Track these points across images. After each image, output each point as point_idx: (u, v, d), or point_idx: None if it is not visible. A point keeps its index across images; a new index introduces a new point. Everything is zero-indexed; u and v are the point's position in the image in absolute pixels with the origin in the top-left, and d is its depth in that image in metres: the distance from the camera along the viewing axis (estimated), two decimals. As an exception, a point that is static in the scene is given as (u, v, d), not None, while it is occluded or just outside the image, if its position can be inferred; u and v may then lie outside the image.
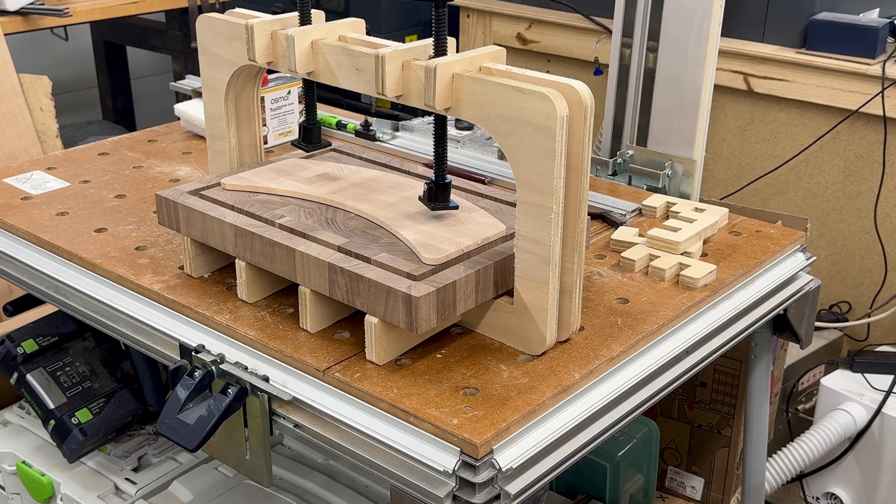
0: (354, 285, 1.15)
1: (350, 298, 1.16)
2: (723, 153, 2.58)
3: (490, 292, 1.19)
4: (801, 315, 1.54)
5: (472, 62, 1.15)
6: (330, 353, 1.19)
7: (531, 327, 1.17)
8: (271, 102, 1.85)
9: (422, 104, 1.15)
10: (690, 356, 1.31)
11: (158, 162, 1.82)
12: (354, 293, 1.15)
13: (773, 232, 1.55)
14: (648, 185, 1.78)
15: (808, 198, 2.49)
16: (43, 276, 1.47)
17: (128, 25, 3.38)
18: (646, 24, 1.81)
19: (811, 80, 2.37)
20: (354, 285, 1.15)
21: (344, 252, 1.19)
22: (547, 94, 1.06)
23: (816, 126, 2.41)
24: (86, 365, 1.69)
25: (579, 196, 1.12)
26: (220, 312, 1.28)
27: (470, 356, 1.19)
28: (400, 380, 1.14)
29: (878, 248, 2.39)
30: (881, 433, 2.09)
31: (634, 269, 1.41)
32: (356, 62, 1.20)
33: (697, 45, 1.74)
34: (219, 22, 1.34)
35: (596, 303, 1.32)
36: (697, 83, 1.75)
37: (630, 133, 1.87)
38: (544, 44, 2.84)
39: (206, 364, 1.21)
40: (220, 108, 1.39)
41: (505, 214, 1.29)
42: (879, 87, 2.26)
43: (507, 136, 1.10)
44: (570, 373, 1.16)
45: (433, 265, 1.16)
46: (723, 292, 1.39)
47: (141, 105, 3.76)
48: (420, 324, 1.10)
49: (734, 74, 2.47)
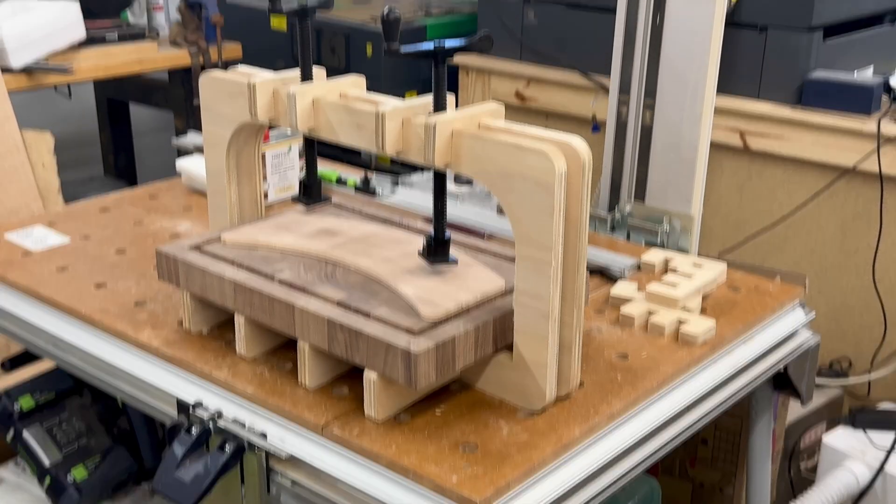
0: (353, 340, 1.15)
1: (349, 354, 1.16)
2: (720, 209, 2.59)
3: (489, 348, 1.19)
4: (802, 372, 1.53)
5: (471, 119, 1.16)
6: (328, 409, 1.18)
7: (531, 383, 1.17)
8: (272, 158, 1.86)
9: (421, 160, 1.16)
10: (691, 413, 1.30)
11: (159, 217, 1.83)
12: (353, 348, 1.15)
13: (771, 288, 1.55)
14: (647, 241, 1.79)
15: (807, 254, 2.49)
16: (41, 331, 1.47)
17: (131, 83, 3.42)
18: (642, 82, 1.83)
19: (807, 137, 2.39)
20: (353, 340, 1.15)
21: (343, 307, 1.19)
22: (545, 150, 1.07)
23: (813, 183, 2.42)
24: (82, 422, 1.68)
25: (578, 251, 1.12)
26: (219, 368, 1.28)
27: (469, 412, 1.18)
28: (399, 436, 1.13)
29: (877, 304, 2.39)
30: (884, 492, 2.07)
31: (634, 324, 1.41)
32: (357, 119, 1.21)
33: (693, 102, 1.76)
34: (222, 80, 1.35)
35: (595, 358, 1.32)
36: (694, 140, 1.77)
37: (628, 189, 1.88)
38: (542, 101, 2.87)
39: (204, 420, 1.20)
40: (221, 163, 1.40)
41: (504, 269, 1.29)
42: (875, 145, 2.27)
43: (507, 191, 1.11)
44: (570, 429, 1.15)
45: (432, 320, 1.15)
46: (723, 348, 1.39)
47: (142, 161, 3.79)
48: (419, 379, 1.10)
49: (730, 131, 2.49)
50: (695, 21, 1.73)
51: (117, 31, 3.09)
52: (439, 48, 1.14)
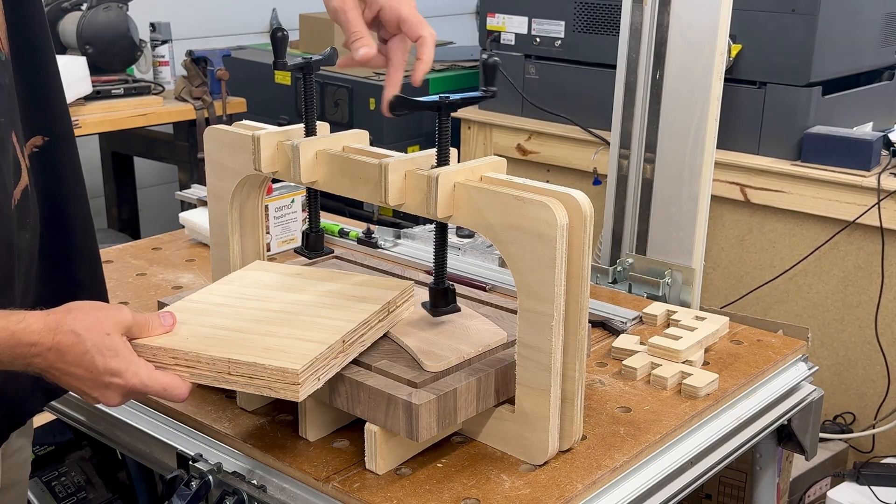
0: (355, 392, 1.14)
1: (350, 406, 1.15)
2: (722, 262, 2.60)
3: (491, 400, 1.18)
4: (806, 425, 1.52)
5: (473, 172, 1.17)
6: (329, 463, 1.17)
7: (533, 436, 1.16)
8: (275, 211, 1.87)
9: (424, 212, 1.17)
10: (694, 467, 1.29)
11: (162, 269, 1.83)
12: (355, 400, 1.14)
13: (774, 341, 1.55)
14: (648, 294, 1.79)
15: (808, 307, 2.49)
16: (42, 382, 1.46)
17: (136, 136, 3.45)
18: (643, 137, 1.85)
19: (807, 191, 2.40)
20: (355, 392, 1.14)
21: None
22: (547, 202, 1.07)
23: (814, 236, 2.43)
24: (82, 475, 1.67)
25: (580, 304, 1.12)
26: (219, 420, 1.27)
27: (471, 465, 1.17)
28: (400, 490, 1.12)
29: (880, 358, 2.38)
30: (891, 548, 2.04)
31: (636, 377, 1.41)
32: (360, 171, 1.22)
33: (693, 157, 1.77)
34: (226, 133, 1.37)
35: (598, 411, 1.31)
36: (694, 194, 1.78)
37: (629, 241, 1.89)
38: (544, 154, 2.90)
39: (203, 473, 1.20)
40: (224, 216, 1.41)
41: (506, 321, 1.29)
42: (875, 199, 2.29)
43: (508, 243, 1.11)
44: (572, 483, 1.14)
45: (434, 372, 1.15)
46: (726, 402, 1.38)
47: (146, 214, 3.80)
48: (421, 432, 1.09)
49: (731, 185, 2.50)
50: (694, 77, 1.76)
51: (123, 86, 3.13)
52: (444, 101, 1.16)
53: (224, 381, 1.08)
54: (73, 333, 1.00)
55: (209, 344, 1.10)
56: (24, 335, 0.98)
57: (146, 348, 1.08)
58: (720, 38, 1.73)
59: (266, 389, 1.06)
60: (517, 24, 2.91)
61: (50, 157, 1.20)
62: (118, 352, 1.02)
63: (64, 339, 0.99)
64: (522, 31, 2.90)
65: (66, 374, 1.01)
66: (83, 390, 1.03)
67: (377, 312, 1.21)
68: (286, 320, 1.18)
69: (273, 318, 1.18)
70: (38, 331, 0.99)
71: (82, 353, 1.00)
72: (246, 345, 1.10)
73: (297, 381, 1.05)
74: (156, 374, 1.05)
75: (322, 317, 1.19)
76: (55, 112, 1.22)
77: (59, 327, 1.00)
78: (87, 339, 1.00)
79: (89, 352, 1.00)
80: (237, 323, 1.16)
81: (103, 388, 1.03)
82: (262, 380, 1.06)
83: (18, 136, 1.12)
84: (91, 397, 1.04)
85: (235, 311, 1.20)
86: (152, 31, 3.37)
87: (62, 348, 0.99)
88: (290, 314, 1.20)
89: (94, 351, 1.00)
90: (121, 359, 1.02)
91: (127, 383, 1.03)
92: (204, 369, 1.08)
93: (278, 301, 1.24)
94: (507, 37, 2.94)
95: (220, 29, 3.96)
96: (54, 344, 0.99)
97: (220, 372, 1.07)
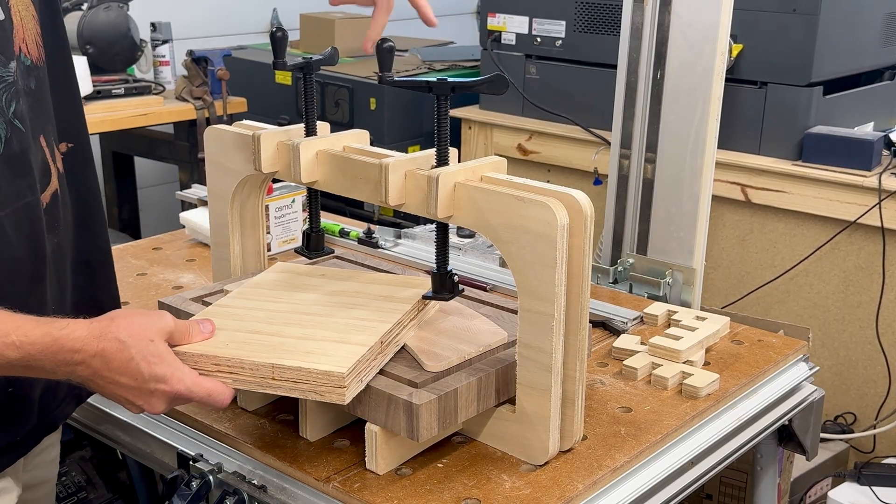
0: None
1: (351, 406, 1.15)
2: (722, 262, 2.59)
3: (491, 400, 1.18)
4: (806, 426, 1.52)
5: (473, 172, 1.17)
6: (329, 463, 1.17)
7: (533, 436, 1.16)
8: (275, 210, 1.87)
9: (424, 212, 1.17)
10: (695, 467, 1.29)
11: (162, 269, 1.83)
12: (355, 400, 1.14)
13: (775, 341, 1.55)
14: (649, 294, 1.79)
15: (809, 307, 2.49)
16: (42, 382, 1.46)
17: (136, 136, 3.45)
18: (643, 137, 1.85)
19: (808, 191, 2.40)
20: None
21: (345, 359, 1.19)
22: (548, 202, 1.07)
23: (815, 236, 2.43)
24: (82, 475, 1.67)
25: (580, 304, 1.12)
26: (220, 420, 1.27)
27: (471, 465, 1.17)
28: (400, 490, 1.12)
29: (881, 358, 2.38)
30: (892, 549, 2.04)
31: (637, 377, 1.41)
32: (360, 171, 1.22)
33: (694, 157, 1.77)
34: (226, 133, 1.37)
35: (598, 411, 1.31)
36: (695, 194, 1.78)
37: (630, 242, 1.89)
38: (544, 154, 2.89)
39: (204, 473, 1.20)
40: (225, 216, 1.41)
41: (506, 321, 1.29)
42: (876, 199, 2.28)
43: (509, 243, 1.11)
44: (573, 483, 1.14)
45: (434, 372, 1.15)
46: (726, 402, 1.38)
47: (146, 214, 3.80)
48: (421, 432, 1.09)
49: (732, 185, 2.50)
50: (695, 77, 1.76)
51: (123, 86, 3.12)
52: (438, 82, 1.14)
53: (268, 386, 1.08)
54: (117, 340, 0.99)
55: (250, 349, 1.10)
56: (67, 341, 0.98)
57: (189, 356, 1.08)
58: (721, 38, 1.73)
59: (311, 393, 1.07)
60: (518, 23, 2.90)
61: (76, 162, 1.20)
62: (163, 358, 1.02)
63: (109, 346, 0.99)
64: (523, 31, 2.89)
65: (112, 382, 1.01)
66: (128, 398, 1.03)
67: (409, 312, 1.22)
68: (320, 323, 1.18)
69: (307, 320, 1.19)
70: (81, 338, 0.98)
71: (127, 360, 1.00)
72: (286, 349, 1.10)
73: (344, 384, 1.05)
74: (200, 380, 1.05)
75: (355, 318, 1.19)
76: (79, 118, 1.22)
77: (104, 335, 0.99)
78: (131, 346, 1.00)
79: (134, 358, 1.00)
80: (272, 327, 1.17)
81: (148, 396, 1.02)
82: (306, 384, 1.06)
83: (48, 141, 1.12)
84: (135, 406, 1.04)
85: (268, 315, 1.20)
86: (153, 30, 3.37)
87: (107, 355, 0.99)
88: (323, 316, 1.20)
89: (139, 358, 1.00)
90: (166, 365, 1.02)
91: (172, 389, 1.02)
92: (247, 375, 1.08)
93: (308, 303, 1.24)
94: (507, 37, 2.94)
95: (221, 29, 3.96)
96: (98, 351, 0.99)
97: (264, 377, 1.07)
